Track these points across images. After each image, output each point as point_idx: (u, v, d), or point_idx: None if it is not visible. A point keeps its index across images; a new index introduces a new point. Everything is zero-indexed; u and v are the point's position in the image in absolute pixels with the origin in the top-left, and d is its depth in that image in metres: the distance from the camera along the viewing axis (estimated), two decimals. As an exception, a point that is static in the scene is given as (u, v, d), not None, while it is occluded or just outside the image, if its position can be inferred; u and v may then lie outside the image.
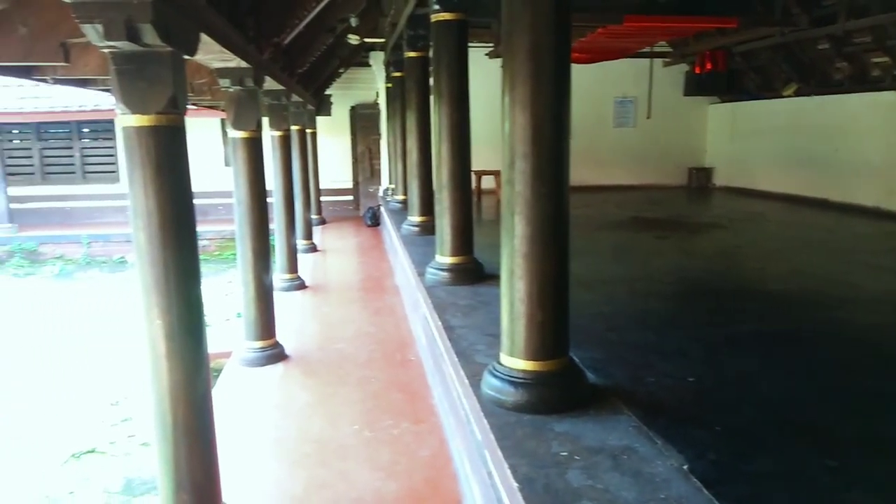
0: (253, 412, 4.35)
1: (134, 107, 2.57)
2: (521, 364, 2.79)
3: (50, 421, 5.87)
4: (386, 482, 3.32)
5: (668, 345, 3.92)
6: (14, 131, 13.75)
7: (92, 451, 5.29)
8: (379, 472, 3.43)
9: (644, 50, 10.50)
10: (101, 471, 5.01)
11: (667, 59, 12.42)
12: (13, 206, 13.23)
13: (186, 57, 2.84)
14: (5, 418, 5.94)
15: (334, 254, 10.01)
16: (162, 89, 2.58)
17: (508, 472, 2.27)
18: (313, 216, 11.35)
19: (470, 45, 4.93)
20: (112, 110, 12.35)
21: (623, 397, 2.84)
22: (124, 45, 2.40)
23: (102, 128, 13.91)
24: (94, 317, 9.29)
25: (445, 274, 4.87)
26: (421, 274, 5.17)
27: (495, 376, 2.84)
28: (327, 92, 12.14)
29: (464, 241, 4.94)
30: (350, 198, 14.51)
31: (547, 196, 2.70)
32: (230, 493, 3.12)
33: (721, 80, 12.09)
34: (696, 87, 12.62)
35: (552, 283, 2.77)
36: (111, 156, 14.13)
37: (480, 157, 6.37)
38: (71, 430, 5.63)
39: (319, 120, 12.23)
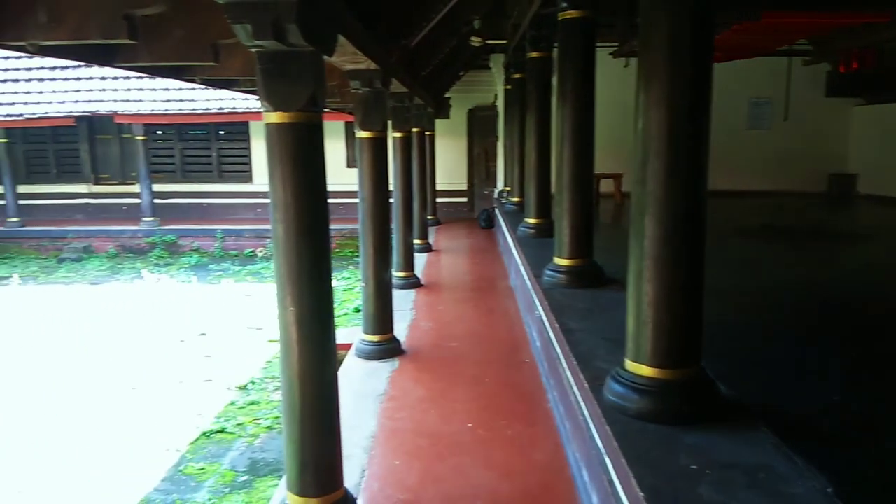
0: (369, 402, 4.47)
1: (276, 104, 2.71)
2: (647, 371, 2.69)
3: (184, 401, 6.31)
4: (500, 482, 3.30)
5: (805, 361, 3.65)
6: (158, 132, 14.96)
7: (221, 431, 5.64)
8: (493, 471, 3.42)
9: (782, 48, 9.87)
10: (228, 450, 5.33)
11: (807, 58, 11.61)
12: (156, 201, 14.37)
13: (325, 58, 2.96)
14: (146, 395, 6.45)
15: (448, 254, 10.12)
16: (303, 88, 2.70)
17: (633, 481, 2.18)
18: (428, 217, 11.54)
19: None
20: (246, 113, 13.17)
21: (758, 413, 2.66)
22: (270, 45, 2.54)
23: (237, 130, 14.83)
24: (225, 307, 9.91)
25: (563, 276, 4.79)
26: (537, 276, 5.11)
27: (619, 382, 2.75)
28: (447, 95, 12.31)
29: (583, 243, 4.84)
30: (464, 199, 14.64)
31: (681, 196, 2.58)
32: (348, 478, 3.21)
33: (868, 81, 11.15)
34: (839, 87, 11.71)
35: (683, 289, 2.65)
36: (245, 156, 15.06)
37: (599, 160, 6.22)
38: (203, 410, 6.02)
39: (437, 122, 12.44)
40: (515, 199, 9.43)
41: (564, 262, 4.81)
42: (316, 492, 2.94)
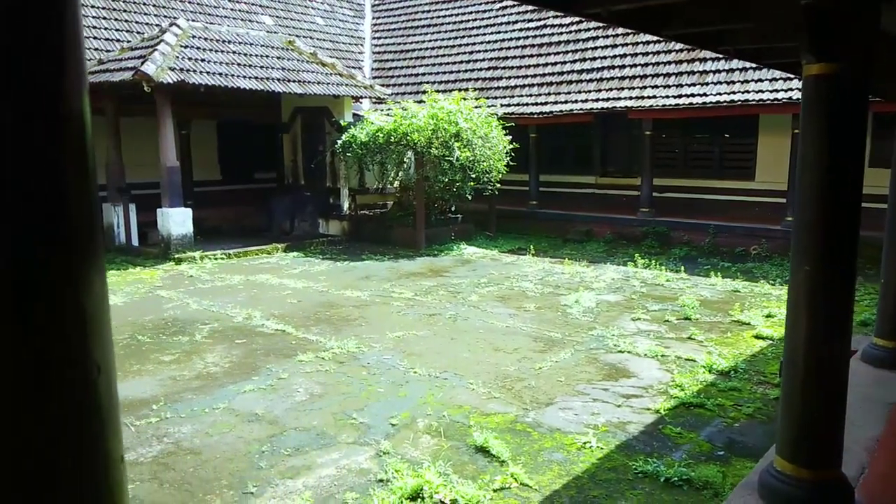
0: (875, 407, 3.95)
1: (820, 54, 2.63)
2: None
3: (663, 371, 6.58)
4: None
5: None
6: (663, 129, 15.59)
7: (700, 406, 5.71)
8: None
9: None
10: (706, 425, 5.37)
11: None
12: (654, 194, 15.06)
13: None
14: (628, 359, 6.95)
15: None
16: (854, 36, 2.56)
17: None
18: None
19: None
20: (757, 105, 12.70)
21: None
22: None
23: (744, 124, 14.42)
24: (710, 298, 9.87)
25: None
26: None
27: None
28: None
29: None
30: None
31: None
32: (844, 468, 2.94)
33: None
34: None
35: None
36: (749, 153, 14.59)
37: None
38: (682, 383, 6.18)
39: None
40: None
41: None
42: (808, 463, 2.80)
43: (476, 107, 14.88)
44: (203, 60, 13.32)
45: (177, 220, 13.18)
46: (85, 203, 0.82)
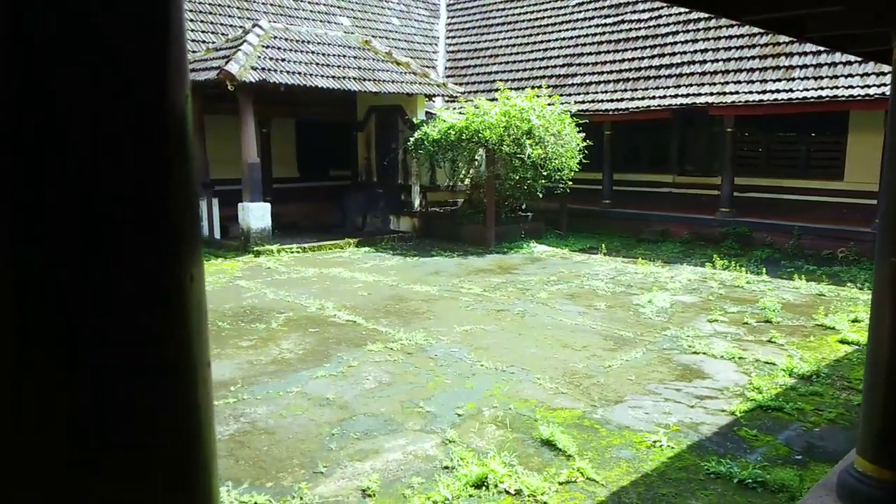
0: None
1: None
2: None
3: (739, 374, 6.36)
4: None
5: None
6: (746, 126, 15.01)
7: (779, 410, 5.50)
8: None
9: None
10: (784, 429, 5.17)
11: None
12: (735, 193, 14.52)
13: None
14: (703, 361, 6.75)
15: None
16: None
17: None
18: None
19: None
20: (847, 101, 12.05)
21: None
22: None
23: (832, 121, 13.73)
24: (792, 301, 9.45)
25: None
26: None
27: None
28: None
29: None
30: None
31: None
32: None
33: None
34: None
35: None
36: (837, 151, 13.89)
37: None
38: (760, 386, 5.96)
39: None
40: None
41: None
42: (891, 464, 2.66)
43: (549, 104, 14.75)
44: (283, 60, 13.78)
45: (256, 215, 13.68)
46: (183, 191, 0.89)
